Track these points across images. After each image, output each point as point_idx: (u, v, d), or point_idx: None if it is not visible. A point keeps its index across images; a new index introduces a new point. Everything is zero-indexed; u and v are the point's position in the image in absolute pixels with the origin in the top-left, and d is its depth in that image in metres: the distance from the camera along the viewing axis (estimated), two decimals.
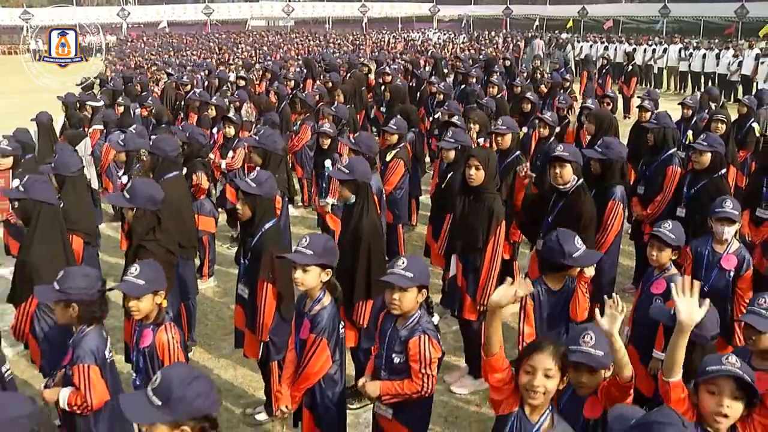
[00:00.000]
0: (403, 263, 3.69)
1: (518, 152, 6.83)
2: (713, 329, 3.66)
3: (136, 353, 3.93)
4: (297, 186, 10.25)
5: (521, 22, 48.53)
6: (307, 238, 3.96)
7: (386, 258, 5.47)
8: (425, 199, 9.72)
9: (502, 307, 3.14)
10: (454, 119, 8.13)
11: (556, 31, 37.95)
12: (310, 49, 30.72)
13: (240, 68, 18.58)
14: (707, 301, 2.95)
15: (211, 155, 8.72)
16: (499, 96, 11.16)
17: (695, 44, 25.04)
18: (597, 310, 3.10)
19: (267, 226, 4.81)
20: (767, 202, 6.47)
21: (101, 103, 11.97)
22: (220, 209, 8.59)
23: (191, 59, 26.52)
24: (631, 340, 4.81)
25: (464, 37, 42.18)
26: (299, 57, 26.39)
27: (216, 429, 2.57)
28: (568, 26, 39.72)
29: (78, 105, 11.45)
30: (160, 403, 2.45)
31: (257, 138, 6.48)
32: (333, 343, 3.96)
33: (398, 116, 8.25)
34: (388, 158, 7.38)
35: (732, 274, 4.92)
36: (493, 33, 42.02)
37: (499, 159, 6.36)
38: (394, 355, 3.73)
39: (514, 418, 3.01)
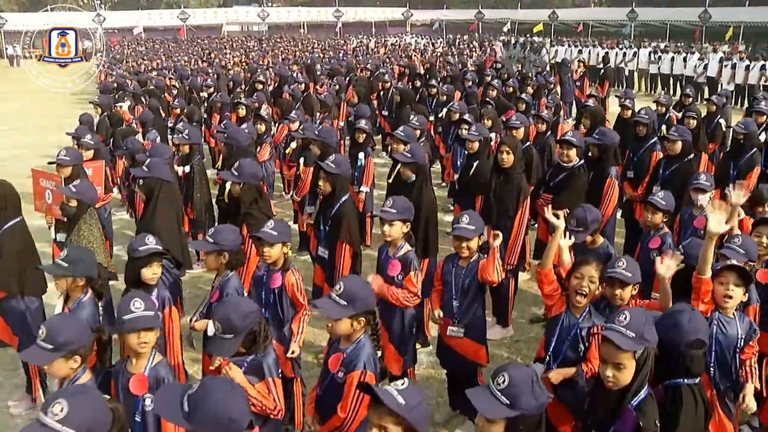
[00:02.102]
0: (466, 219, 4.87)
1: (529, 142, 8.10)
2: None
3: (265, 292, 4.98)
4: None
5: (493, 26, 49.53)
6: (391, 199, 5.10)
7: None
8: None
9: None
10: (466, 116, 9.35)
11: (528, 35, 39.09)
12: (297, 54, 31.68)
13: (246, 71, 19.66)
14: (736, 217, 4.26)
15: None
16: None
17: (663, 48, 26.50)
18: (657, 260, 4.30)
19: (344, 198, 5.99)
20: (734, 182, 7.81)
21: (128, 103, 13.00)
22: None
23: (181, 63, 27.37)
24: None
25: (441, 41, 43.29)
26: (287, 61, 27.39)
27: (375, 317, 3.77)
28: (537, 30, 40.85)
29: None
30: (345, 303, 3.60)
31: (317, 132, 7.64)
32: None
33: (419, 114, 9.45)
34: None
35: (702, 232, 6.14)
36: (467, 37, 43.22)
37: None
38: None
39: (563, 316, 4.26)
